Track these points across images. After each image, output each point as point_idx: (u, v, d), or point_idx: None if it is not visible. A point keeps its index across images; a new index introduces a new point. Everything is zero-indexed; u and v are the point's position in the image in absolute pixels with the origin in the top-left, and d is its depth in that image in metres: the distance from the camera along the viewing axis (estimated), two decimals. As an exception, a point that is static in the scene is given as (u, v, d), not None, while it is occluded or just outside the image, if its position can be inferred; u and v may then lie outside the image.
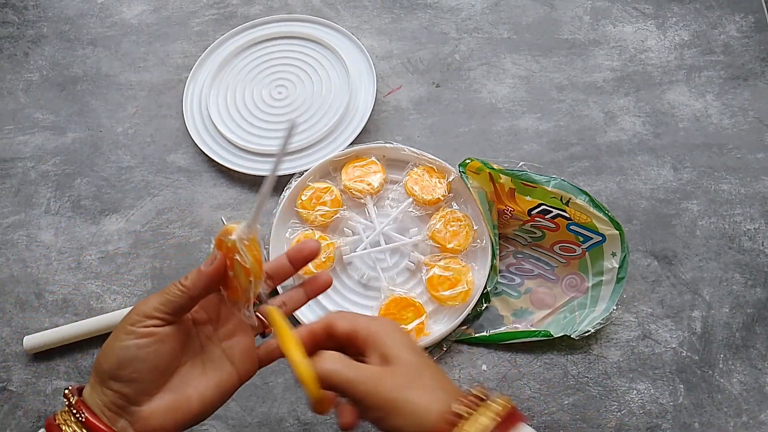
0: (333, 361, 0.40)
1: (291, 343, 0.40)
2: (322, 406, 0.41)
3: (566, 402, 0.61)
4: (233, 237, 0.40)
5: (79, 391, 0.41)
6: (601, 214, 0.61)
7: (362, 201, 0.69)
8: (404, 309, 0.62)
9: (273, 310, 0.43)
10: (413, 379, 0.40)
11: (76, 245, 0.71)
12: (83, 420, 0.38)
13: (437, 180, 0.68)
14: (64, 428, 0.39)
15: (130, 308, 0.41)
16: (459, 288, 0.63)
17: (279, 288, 0.60)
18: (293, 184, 0.69)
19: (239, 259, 0.40)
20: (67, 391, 0.41)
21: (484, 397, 0.39)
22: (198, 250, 0.69)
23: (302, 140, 0.72)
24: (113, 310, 0.66)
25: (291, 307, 0.46)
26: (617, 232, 0.61)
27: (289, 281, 0.46)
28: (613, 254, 0.62)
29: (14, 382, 0.64)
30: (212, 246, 0.42)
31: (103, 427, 0.38)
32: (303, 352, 0.40)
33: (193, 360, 0.42)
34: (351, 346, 0.43)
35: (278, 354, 0.44)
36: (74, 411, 0.39)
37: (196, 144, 0.75)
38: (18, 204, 0.73)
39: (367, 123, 0.73)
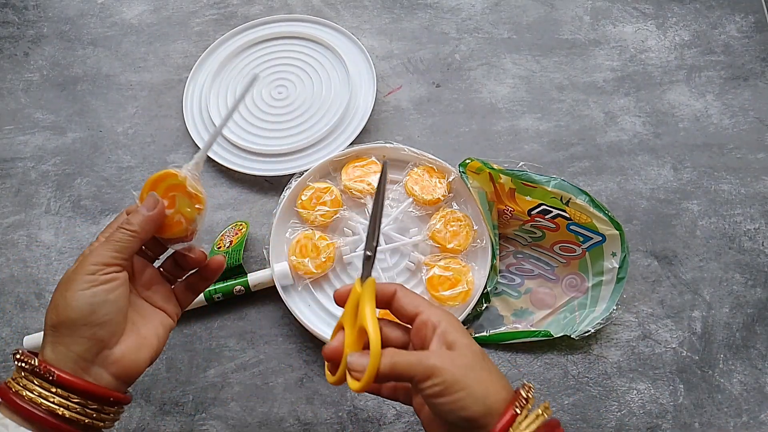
0: (396, 353, 0.40)
1: (375, 324, 0.40)
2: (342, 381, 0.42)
3: (566, 402, 0.61)
4: (185, 173, 0.43)
5: (34, 356, 0.41)
6: (601, 214, 0.61)
7: (362, 201, 0.69)
8: (404, 309, 0.62)
9: (372, 282, 0.43)
10: (478, 363, 0.40)
11: (76, 245, 0.71)
12: (53, 378, 0.39)
13: (437, 180, 0.68)
14: (25, 394, 0.39)
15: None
16: (459, 288, 0.63)
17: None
18: (293, 184, 0.69)
19: (191, 191, 0.43)
20: (20, 356, 0.40)
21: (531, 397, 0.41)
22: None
23: (302, 140, 0.72)
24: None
25: (196, 288, 0.50)
26: (617, 232, 0.61)
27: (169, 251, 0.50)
28: (613, 254, 0.62)
29: (14, 382, 0.64)
30: (137, 193, 0.44)
31: (76, 380, 0.39)
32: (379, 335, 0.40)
33: (132, 307, 0.44)
34: (406, 322, 0.43)
35: (193, 297, 0.49)
36: (39, 371, 0.39)
37: (196, 144, 0.75)
38: (18, 204, 0.73)
39: (367, 123, 0.73)
